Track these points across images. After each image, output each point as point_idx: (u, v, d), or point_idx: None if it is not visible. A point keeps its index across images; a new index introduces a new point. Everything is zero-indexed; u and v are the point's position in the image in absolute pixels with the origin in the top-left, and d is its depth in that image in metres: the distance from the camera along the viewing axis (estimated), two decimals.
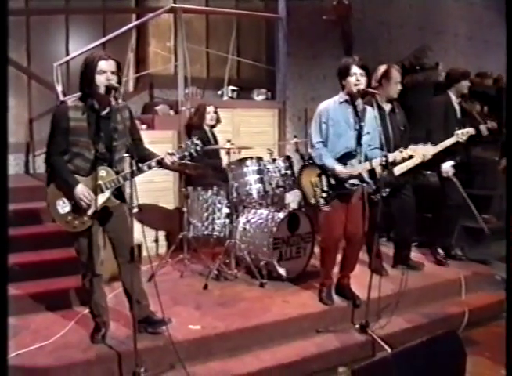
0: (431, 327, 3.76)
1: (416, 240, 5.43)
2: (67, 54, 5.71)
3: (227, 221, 4.42)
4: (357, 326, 3.62)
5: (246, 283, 4.28)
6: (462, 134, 4.37)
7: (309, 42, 5.83)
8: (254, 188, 4.39)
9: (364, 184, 3.64)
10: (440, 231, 4.95)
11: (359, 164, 3.59)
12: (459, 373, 3.19)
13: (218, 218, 4.45)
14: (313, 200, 3.67)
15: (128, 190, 3.13)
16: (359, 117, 3.58)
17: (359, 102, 3.62)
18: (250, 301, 3.88)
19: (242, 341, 3.35)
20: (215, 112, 4.95)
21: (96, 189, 2.99)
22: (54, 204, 3.00)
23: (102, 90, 2.88)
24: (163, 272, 4.57)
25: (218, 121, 5.02)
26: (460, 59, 6.99)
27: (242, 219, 4.50)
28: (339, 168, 3.53)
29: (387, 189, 4.28)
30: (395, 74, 4.22)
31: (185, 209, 4.51)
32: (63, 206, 2.99)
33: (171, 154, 3.06)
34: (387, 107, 4.35)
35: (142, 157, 3.10)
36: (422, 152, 3.62)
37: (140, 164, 3.02)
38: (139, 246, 4.97)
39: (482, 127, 4.82)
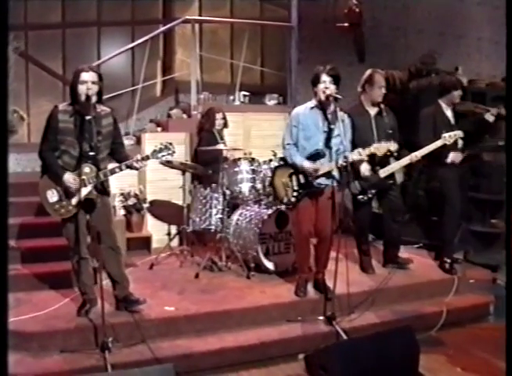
0: (401, 324, 3.87)
1: (421, 242, 5.55)
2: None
3: (223, 216, 4.77)
4: (323, 317, 3.82)
5: (235, 274, 4.60)
6: (449, 137, 4.42)
7: (321, 49, 6.03)
8: (246, 186, 4.72)
9: (332, 183, 3.83)
10: (443, 237, 4.90)
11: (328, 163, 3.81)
12: (411, 366, 3.35)
13: (215, 214, 4.80)
14: (285, 199, 3.93)
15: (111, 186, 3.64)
16: (329, 121, 3.80)
17: (330, 107, 3.82)
18: (230, 290, 4.20)
19: (210, 324, 3.68)
20: (223, 118, 5.31)
21: (80, 183, 3.42)
22: (44, 194, 3.48)
23: (83, 98, 3.33)
24: (166, 261, 5.00)
25: (225, 125, 5.38)
26: (485, 63, 6.91)
27: (235, 215, 4.82)
28: (307, 164, 3.79)
29: (373, 191, 4.49)
30: (378, 79, 4.39)
31: (184, 205, 4.90)
32: (52, 196, 3.46)
33: (143, 158, 3.45)
34: (373, 111, 4.52)
35: (119, 159, 3.58)
36: (384, 150, 3.76)
37: (111, 166, 3.51)
38: (149, 238, 5.49)
39: (487, 115, 4.78)
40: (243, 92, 6.03)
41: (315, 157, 3.84)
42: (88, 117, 3.38)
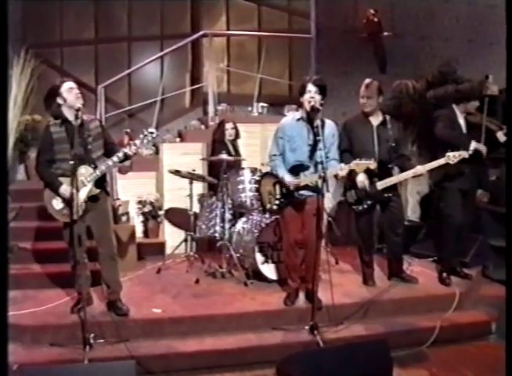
0: (389, 338, 3.80)
1: (435, 255, 5.39)
2: (129, 76, 6.67)
3: (224, 224, 4.90)
4: (307, 327, 3.83)
5: (236, 281, 4.69)
6: (453, 156, 4.28)
7: (341, 60, 6.05)
8: (248, 195, 4.82)
9: (315, 194, 3.82)
10: (441, 249, 4.89)
11: (311, 175, 3.83)
12: None
13: (220, 222, 4.94)
14: (268, 206, 4.01)
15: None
16: (315, 132, 3.80)
17: (316, 118, 3.82)
18: (223, 295, 4.31)
19: (193, 327, 3.81)
20: (233, 128, 5.47)
21: (79, 185, 3.67)
22: (50, 203, 3.76)
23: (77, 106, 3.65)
24: (176, 267, 5.21)
25: (237, 135, 5.53)
26: None
27: (239, 223, 4.94)
28: (288, 179, 3.84)
29: (369, 202, 4.44)
30: (361, 89, 4.42)
31: (191, 212, 5.08)
32: (57, 203, 3.75)
33: (132, 145, 3.67)
34: (376, 121, 4.47)
35: (113, 154, 3.79)
36: (363, 166, 3.73)
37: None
38: (163, 244, 5.72)
39: (499, 134, 4.66)
40: (262, 104, 6.15)
41: (298, 168, 3.88)
42: (76, 123, 3.66)
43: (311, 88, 3.81)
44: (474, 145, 4.44)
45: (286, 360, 3.29)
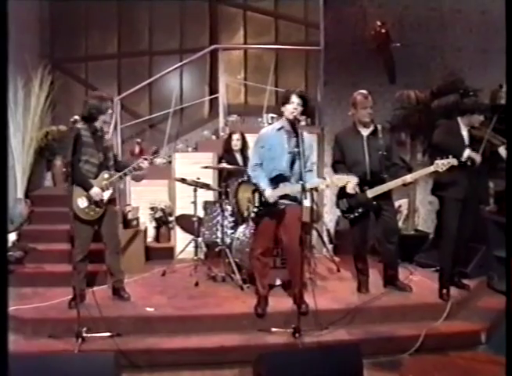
0: (370, 344, 3.88)
1: (437, 265, 5.36)
2: (150, 89, 7.04)
3: (228, 230, 5.11)
4: (289, 330, 3.96)
5: (234, 285, 4.87)
6: (442, 164, 4.29)
7: (349, 71, 6.15)
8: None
9: (295, 202, 3.96)
10: (439, 264, 4.85)
11: (291, 185, 3.97)
12: None
13: (222, 228, 5.15)
14: (245, 213, 4.17)
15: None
16: (295, 142, 3.91)
17: (297, 128, 3.92)
18: (216, 298, 4.51)
19: (181, 326, 4.03)
20: (239, 139, 5.66)
21: (104, 188, 4.18)
22: (76, 201, 4.11)
23: (108, 119, 4.34)
24: (183, 270, 5.45)
25: (244, 146, 5.73)
26: None
27: (240, 229, 5.12)
28: (268, 193, 3.97)
29: (360, 210, 4.53)
30: (360, 100, 4.47)
31: (195, 218, 5.30)
32: (82, 202, 4.14)
33: (145, 159, 4.20)
34: (366, 132, 4.57)
35: (119, 167, 4.32)
36: (344, 182, 3.83)
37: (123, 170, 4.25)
38: (173, 248, 5.98)
39: (501, 149, 4.62)
40: (271, 114, 6.32)
41: (277, 179, 4.00)
42: (99, 134, 4.21)
43: (294, 99, 3.94)
44: (467, 152, 4.42)
45: (258, 360, 3.44)
